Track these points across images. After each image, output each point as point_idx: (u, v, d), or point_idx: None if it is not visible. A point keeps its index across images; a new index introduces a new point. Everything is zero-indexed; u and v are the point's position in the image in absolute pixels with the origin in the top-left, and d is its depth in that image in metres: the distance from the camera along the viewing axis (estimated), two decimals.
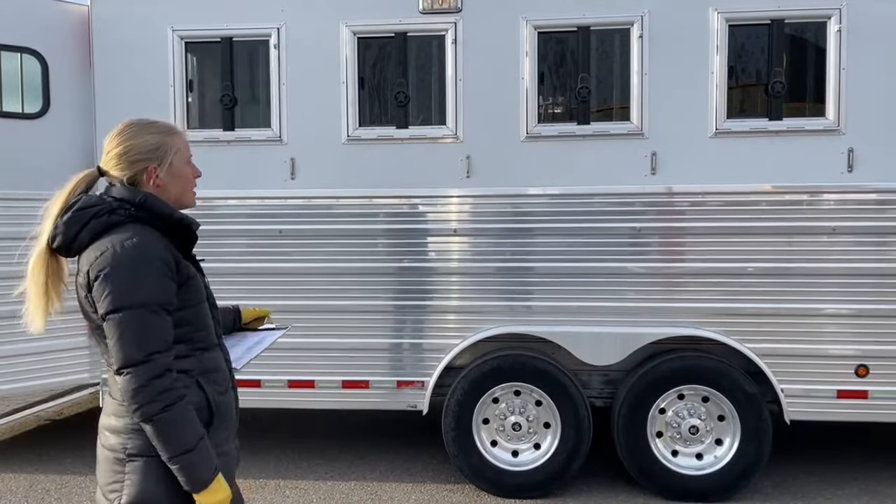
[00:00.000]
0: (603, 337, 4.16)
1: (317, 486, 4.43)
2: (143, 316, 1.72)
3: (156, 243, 1.79)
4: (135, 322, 1.71)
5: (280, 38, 4.29)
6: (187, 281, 1.83)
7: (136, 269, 1.73)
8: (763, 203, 4.04)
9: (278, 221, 4.35)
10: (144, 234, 1.78)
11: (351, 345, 4.31)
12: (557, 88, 4.24)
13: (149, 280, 1.74)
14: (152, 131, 1.90)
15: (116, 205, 1.82)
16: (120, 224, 1.80)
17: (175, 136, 1.93)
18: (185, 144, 1.95)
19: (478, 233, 4.23)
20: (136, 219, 1.81)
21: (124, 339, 1.71)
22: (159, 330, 1.74)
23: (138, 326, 1.71)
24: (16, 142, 4.46)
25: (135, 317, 1.71)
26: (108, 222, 1.79)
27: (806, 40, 4.09)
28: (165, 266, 1.77)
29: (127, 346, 1.71)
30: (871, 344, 4.00)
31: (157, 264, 1.75)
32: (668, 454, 4.17)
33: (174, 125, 1.98)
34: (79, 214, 1.81)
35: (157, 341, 1.73)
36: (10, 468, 4.72)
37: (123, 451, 1.79)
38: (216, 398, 1.88)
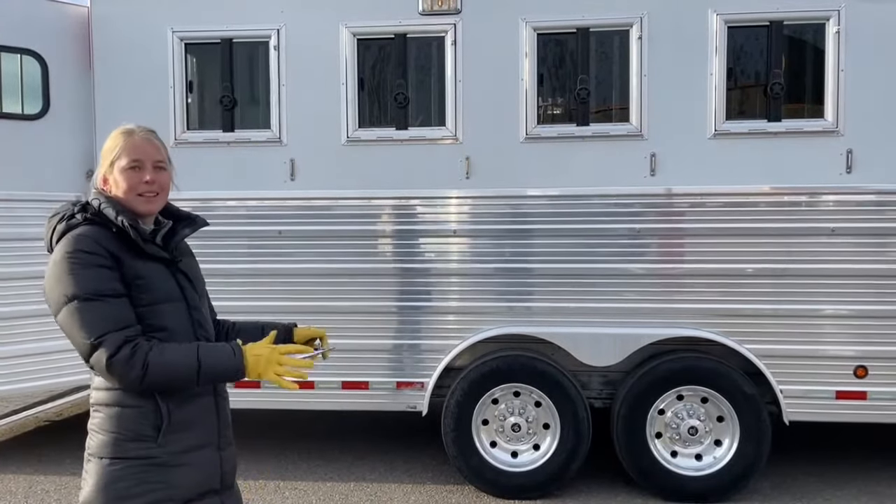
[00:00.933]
0: (602, 338, 4.16)
1: (316, 487, 4.43)
2: (84, 305, 1.73)
3: (90, 239, 1.79)
4: (78, 312, 1.73)
5: (280, 39, 4.29)
6: (133, 281, 1.82)
7: (67, 266, 1.76)
8: (762, 204, 4.04)
9: (278, 222, 4.36)
10: (85, 232, 1.81)
11: (350, 346, 4.31)
12: (557, 90, 4.25)
13: (81, 272, 1.75)
14: (109, 137, 1.94)
15: (78, 209, 1.86)
16: (77, 226, 1.83)
17: (121, 139, 1.91)
18: (128, 148, 1.89)
19: (477, 234, 4.24)
20: (93, 222, 1.84)
21: (73, 332, 1.75)
22: (104, 313, 1.74)
23: (82, 315, 1.73)
24: (16, 143, 4.46)
25: (76, 308, 1.74)
26: (67, 226, 1.83)
27: (805, 42, 4.09)
28: (98, 258, 1.77)
29: (79, 335, 1.74)
30: (870, 345, 4.01)
31: (85, 258, 1.76)
32: (668, 455, 4.17)
33: (131, 129, 1.93)
34: (51, 219, 1.89)
35: (106, 322, 1.74)
36: (9, 469, 4.72)
37: (87, 450, 1.84)
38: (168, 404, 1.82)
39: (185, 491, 1.84)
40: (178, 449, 1.83)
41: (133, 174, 1.88)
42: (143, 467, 1.79)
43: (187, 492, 1.84)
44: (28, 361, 4.52)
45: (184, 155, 3.88)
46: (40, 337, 4.46)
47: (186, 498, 1.84)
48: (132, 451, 1.79)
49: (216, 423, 1.94)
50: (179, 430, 1.83)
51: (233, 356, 1.79)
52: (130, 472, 1.78)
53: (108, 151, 1.91)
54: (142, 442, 1.79)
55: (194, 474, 1.86)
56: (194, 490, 1.86)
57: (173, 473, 1.82)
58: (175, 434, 1.83)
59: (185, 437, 1.85)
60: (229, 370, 1.80)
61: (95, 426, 1.83)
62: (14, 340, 4.47)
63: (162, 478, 1.80)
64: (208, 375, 1.79)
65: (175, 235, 1.96)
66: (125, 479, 1.78)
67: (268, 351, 1.81)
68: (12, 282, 4.41)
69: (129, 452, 1.79)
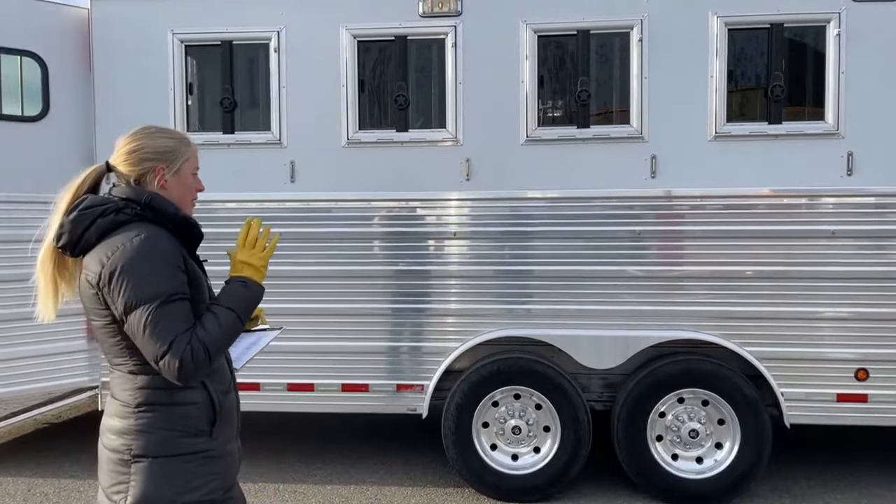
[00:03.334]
0: (603, 340, 4.16)
1: (316, 489, 4.42)
2: (160, 308, 1.74)
3: (165, 238, 1.83)
4: (155, 314, 1.74)
5: (280, 41, 4.29)
6: (193, 280, 1.86)
7: (148, 264, 1.76)
8: (762, 207, 4.04)
9: (278, 224, 4.32)
10: (154, 230, 1.82)
11: (350, 348, 4.31)
12: (557, 92, 4.25)
13: (161, 272, 1.77)
14: (167, 136, 1.96)
15: (122, 204, 1.84)
16: (126, 223, 1.82)
17: (188, 146, 1.99)
18: (195, 156, 2.00)
19: (477, 236, 4.23)
20: (142, 217, 1.84)
21: (147, 332, 1.74)
22: (177, 315, 1.77)
23: (157, 319, 1.74)
24: (16, 144, 4.46)
25: (153, 310, 1.74)
26: (114, 221, 1.81)
27: (805, 44, 4.09)
28: (175, 258, 1.81)
29: (150, 338, 1.74)
30: (871, 347, 4.00)
31: (167, 255, 1.79)
32: (668, 458, 4.16)
33: (189, 137, 2.04)
34: (84, 213, 1.81)
35: (177, 325, 1.76)
36: (8, 472, 4.71)
37: (128, 452, 1.80)
38: (219, 397, 1.90)
39: (229, 479, 1.93)
40: (223, 440, 1.91)
41: (195, 181, 2.00)
42: (201, 461, 1.84)
43: (230, 480, 1.93)
44: (27, 364, 4.50)
45: None
46: (40, 339, 4.45)
47: (229, 485, 1.93)
48: (189, 447, 1.83)
49: (237, 415, 2.03)
50: (224, 423, 1.91)
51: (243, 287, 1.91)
52: (189, 468, 1.82)
53: (174, 152, 1.93)
54: (199, 437, 1.84)
55: (232, 464, 1.96)
56: (232, 479, 1.95)
57: (222, 464, 1.90)
58: (221, 427, 1.90)
59: (226, 429, 1.93)
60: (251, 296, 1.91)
61: (144, 427, 1.80)
62: (13, 343, 4.46)
63: (214, 469, 1.87)
64: (247, 313, 1.89)
65: None
66: (186, 474, 1.82)
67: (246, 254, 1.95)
68: (11, 284, 4.40)
69: (187, 448, 1.82)
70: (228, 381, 1.98)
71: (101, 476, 1.87)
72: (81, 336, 4.50)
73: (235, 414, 2.00)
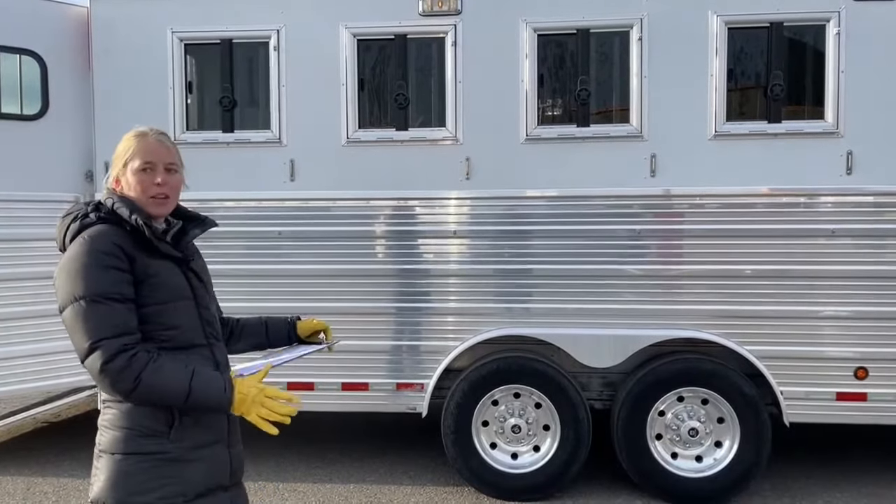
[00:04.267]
0: (602, 339, 4.16)
1: (315, 488, 4.42)
2: (87, 306, 1.75)
3: (104, 238, 1.81)
4: (80, 313, 1.75)
5: (280, 39, 4.29)
6: (147, 279, 1.83)
7: (77, 265, 1.78)
8: (762, 205, 4.04)
9: (277, 223, 4.35)
10: (99, 231, 1.83)
11: (350, 347, 4.29)
12: (557, 91, 4.25)
13: (89, 273, 1.77)
14: (123, 139, 1.95)
15: (91, 209, 1.89)
16: (91, 226, 1.85)
17: (135, 141, 1.92)
18: (141, 151, 1.90)
19: (477, 235, 4.23)
20: (106, 220, 1.86)
21: (73, 333, 1.77)
22: (105, 317, 1.75)
23: (84, 317, 1.75)
24: (15, 143, 4.45)
25: (80, 308, 1.75)
26: (81, 225, 1.86)
27: (805, 43, 4.10)
28: (110, 258, 1.79)
29: (78, 336, 1.76)
30: (870, 346, 4.01)
31: (98, 257, 1.78)
32: (668, 456, 4.16)
33: (144, 131, 1.94)
34: (64, 219, 1.92)
35: (105, 327, 1.75)
36: (7, 471, 4.71)
37: (98, 446, 1.85)
38: None
39: (196, 486, 1.87)
40: (191, 445, 1.86)
41: (145, 176, 1.91)
42: (157, 462, 1.81)
43: (198, 486, 1.87)
44: (26, 363, 4.50)
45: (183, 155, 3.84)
46: (38, 338, 4.45)
47: (197, 492, 1.87)
48: (145, 447, 1.81)
49: (226, 421, 1.96)
50: (191, 427, 1.86)
51: (223, 392, 1.80)
52: (144, 467, 1.80)
53: (122, 153, 1.93)
54: (155, 438, 1.81)
55: (205, 470, 1.90)
56: (204, 485, 1.89)
57: (185, 468, 1.84)
58: (187, 430, 1.85)
59: (197, 433, 1.88)
60: (217, 403, 1.81)
61: (107, 422, 1.84)
62: (12, 342, 4.45)
63: (174, 472, 1.82)
64: (196, 404, 1.79)
65: (185, 235, 1.99)
66: (139, 474, 1.80)
67: (255, 391, 1.81)
68: (11, 283, 4.40)
69: (143, 448, 1.81)
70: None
71: None
72: None
73: (222, 418, 1.93)
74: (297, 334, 2.37)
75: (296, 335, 2.37)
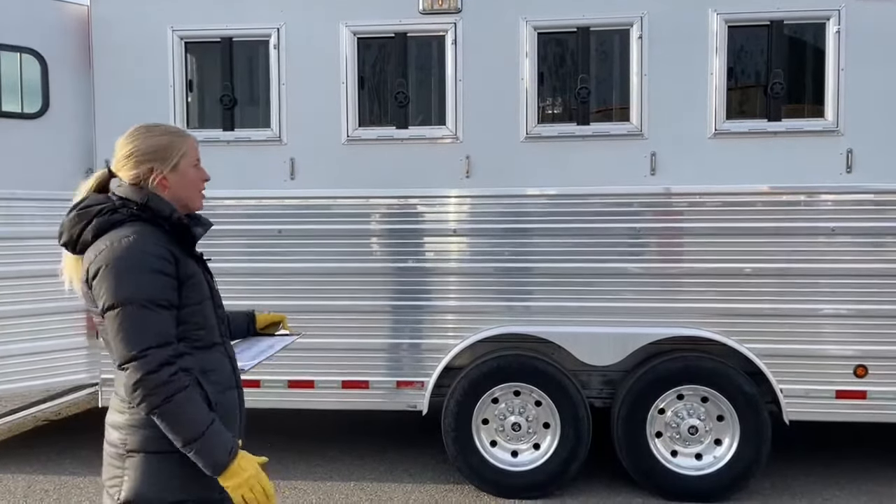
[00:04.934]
0: (602, 337, 4.16)
1: (316, 486, 4.43)
2: (136, 312, 1.73)
3: (153, 240, 1.81)
4: (128, 318, 1.73)
5: (280, 38, 4.29)
6: (187, 280, 1.85)
7: (130, 266, 1.75)
8: (762, 204, 4.05)
9: (278, 221, 4.35)
10: (143, 231, 1.81)
11: (351, 345, 4.31)
12: (557, 89, 4.25)
13: (142, 276, 1.76)
14: (159, 133, 1.94)
15: (120, 203, 1.85)
16: (122, 222, 1.82)
17: (183, 139, 1.96)
18: (192, 148, 1.98)
19: (477, 233, 4.23)
20: (139, 217, 1.84)
21: (120, 335, 1.74)
22: (154, 325, 1.75)
23: (132, 322, 1.73)
24: (15, 142, 4.45)
25: (128, 313, 1.73)
26: (110, 220, 1.82)
27: (805, 41, 4.10)
28: (161, 262, 1.79)
29: (122, 341, 1.73)
30: (870, 344, 4.01)
31: (150, 260, 1.77)
32: (668, 454, 4.17)
33: (184, 130, 2.02)
34: (82, 213, 1.85)
35: (151, 336, 1.74)
36: (8, 469, 4.71)
37: (123, 447, 1.82)
38: (216, 396, 1.88)
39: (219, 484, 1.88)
40: None
41: (198, 172, 1.99)
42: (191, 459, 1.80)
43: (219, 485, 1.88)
44: (26, 361, 4.50)
45: None
46: (38, 336, 4.45)
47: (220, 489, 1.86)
48: None
49: (239, 416, 2.00)
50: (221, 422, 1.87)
51: (227, 455, 1.76)
52: (185, 463, 1.78)
53: (170, 149, 1.92)
54: None
55: None
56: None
57: None
58: None
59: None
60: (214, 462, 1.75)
61: (138, 422, 1.80)
62: (12, 339, 4.45)
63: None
64: (197, 449, 1.74)
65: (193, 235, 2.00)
66: (176, 472, 1.80)
67: (253, 472, 1.77)
68: (10, 281, 4.40)
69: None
70: (228, 379, 1.97)
71: (103, 469, 1.88)
72: (81, 332, 4.50)
73: (238, 413, 1.98)
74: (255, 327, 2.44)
75: (254, 328, 2.43)
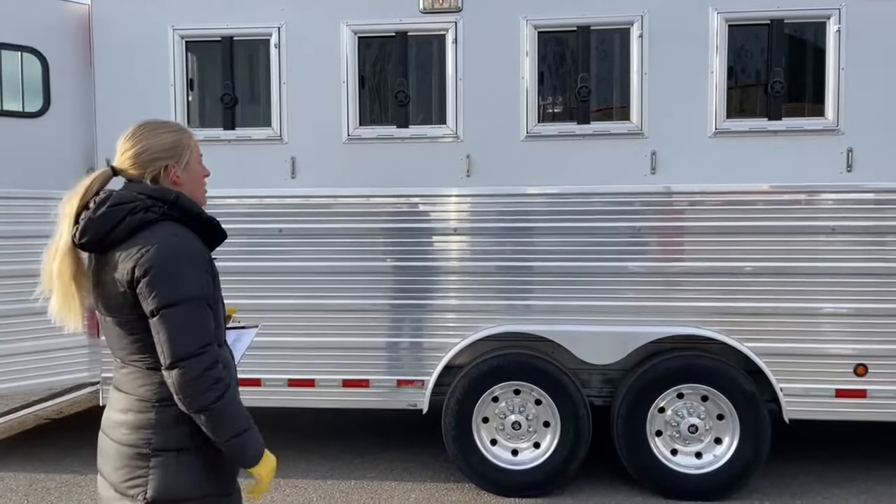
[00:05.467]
0: (602, 336, 4.17)
1: (317, 485, 4.44)
2: (193, 310, 1.76)
3: (194, 240, 1.85)
4: (187, 316, 1.75)
5: (280, 37, 4.29)
6: (215, 279, 1.89)
7: (184, 266, 1.77)
8: (762, 203, 4.05)
9: (278, 220, 4.36)
10: (182, 231, 1.83)
11: (351, 343, 4.32)
12: (557, 88, 4.25)
13: (196, 275, 1.79)
14: (167, 130, 1.93)
15: (150, 202, 1.81)
16: (155, 221, 1.80)
17: (188, 136, 1.97)
18: (196, 144, 1.99)
19: (478, 232, 4.24)
20: (170, 217, 1.83)
21: (178, 333, 1.73)
22: (207, 323, 1.79)
23: (190, 320, 1.75)
24: (16, 140, 4.46)
25: (186, 311, 1.75)
26: (142, 219, 1.79)
27: (805, 40, 4.10)
28: (206, 262, 1.84)
29: (181, 339, 1.74)
30: (870, 343, 4.01)
31: (199, 260, 1.81)
32: (668, 453, 4.17)
33: (184, 126, 2.03)
34: (113, 211, 1.78)
35: (207, 334, 1.78)
36: (9, 467, 4.72)
37: (147, 447, 1.79)
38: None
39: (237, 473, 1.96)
40: None
41: (202, 168, 1.99)
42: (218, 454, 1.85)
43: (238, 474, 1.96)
44: (27, 360, 4.51)
45: None
46: (40, 335, 4.45)
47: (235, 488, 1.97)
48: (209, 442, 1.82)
49: None
50: None
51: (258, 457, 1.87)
52: (208, 460, 1.84)
53: (178, 145, 1.91)
54: None
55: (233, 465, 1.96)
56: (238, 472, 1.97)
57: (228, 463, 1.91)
58: None
59: None
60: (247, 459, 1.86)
61: (168, 420, 1.80)
62: (13, 338, 4.46)
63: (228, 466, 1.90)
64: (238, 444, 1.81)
65: None
66: (206, 467, 1.84)
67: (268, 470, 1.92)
68: (12, 279, 4.41)
69: (208, 443, 1.82)
70: (234, 374, 1.99)
71: (111, 472, 1.84)
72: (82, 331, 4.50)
73: None
74: None
75: None
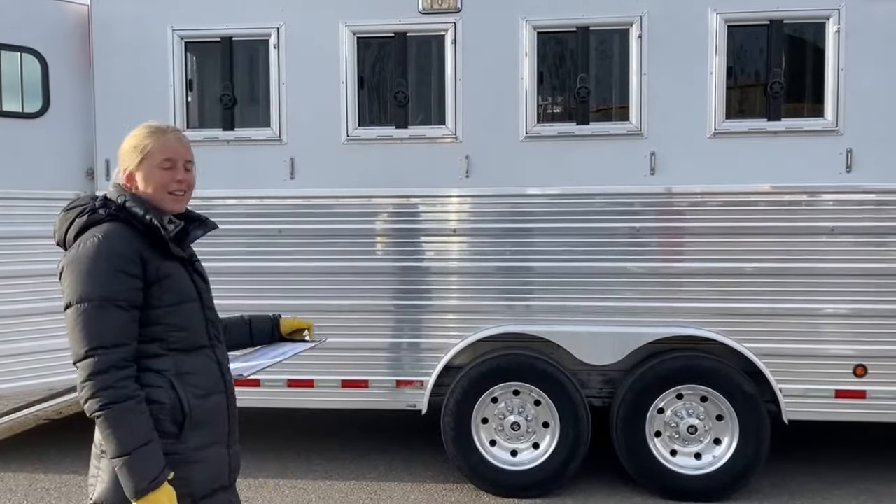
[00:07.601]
0: (602, 337, 4.16)
1: (316, 485, 4.44)
2: (90, 310, 1.73)
3: (121, 240, 1.79)
4: (82, 316, 1.73)
5: (280, 37, 4.29)
6: (159, 281, 1.82)
7: (89, 265, 1.75)
8: (762, 203, 4.04)
9: (278, 221, 4.36)
10: (114, 231, 1.80)
11: (350, 344, 4.31)
12: (557, 88, 4.25)
13: (101, 275, 1.74)
14: (136, 134, 1.92)
15: (100, 204, 1.86)
16: (101, 222, 1.83)
17: (151, 140, 1.89)
18: (160, 149, 1.88)
19: (477, 232, 4.24)
20: (116, 217, 1.84)
21: (72, 334, 1.75)
22: (107, 326, 1.73)
23: (85, 321, 1.73)
24: (15, 141, 4.46)
25: (83, 311, 1.73)
26: (88, 220, 1.83)
27: (805, 41, 4.09)
28: (125, 262, 1.77)
29: (74, 340, 1.74)
30: (870, 344, 4.01)
31: (112, 260, 1.76)
32: (667, 454, 4.17)
33: (163, 128, 1.93)
34: (67, 214, 1.88)
35: (101, 337, 1.72)
36: (9, 467, 4.72)
37: (100, 447, 1.81)
38: (192, 401, 1.85)
39: (201, 487, 1.86)
40: (194, 445, 1.85)
41: (166, 173, 1.89)
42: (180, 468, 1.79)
43: (202, 488, 1.87)
44: (27, 360, 4.51)
45: None
46: (40, 335, 4.46)
47: (202, 494, 1.87)
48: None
49: (227, 420, 1.96)
50: (197, 427, 1.85)
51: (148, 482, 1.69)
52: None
53: (137, 148, 1.89)
54: (164, 439, 1.78)
55: (208, 471, 1.89)
56: (208, 486, 1.89)
57: (191, 469, 1.83)
58: (193, 431, 1.85)
59: (201, 433, 1.87)
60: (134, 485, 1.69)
61: None
62: (13, 339, 4.47)
63: (182, 473, 1.80)
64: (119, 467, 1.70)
65: (187, 236, 1.97)
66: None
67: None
68: (11, 280, 4.41)
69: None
70: (214, 384, 1.92)
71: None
72: None
73: (223, 419, 1.95)
74: (280, 332, 2.36)
75: (279, 333, 2.35)
